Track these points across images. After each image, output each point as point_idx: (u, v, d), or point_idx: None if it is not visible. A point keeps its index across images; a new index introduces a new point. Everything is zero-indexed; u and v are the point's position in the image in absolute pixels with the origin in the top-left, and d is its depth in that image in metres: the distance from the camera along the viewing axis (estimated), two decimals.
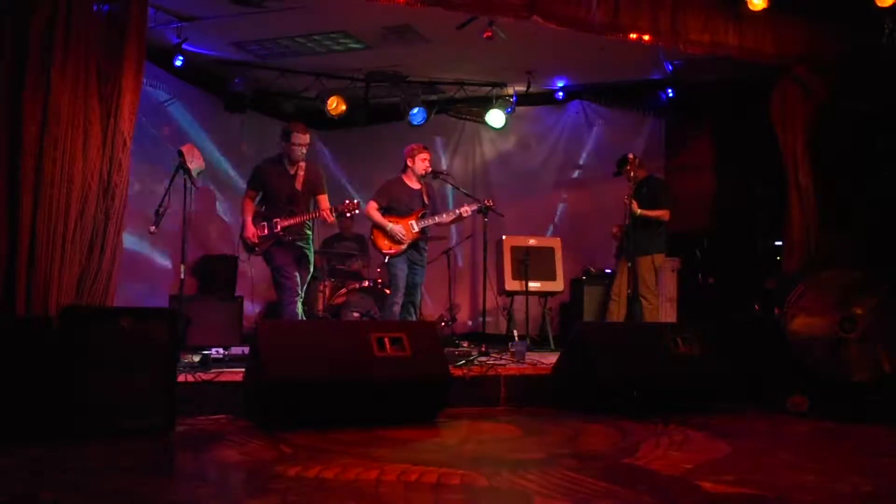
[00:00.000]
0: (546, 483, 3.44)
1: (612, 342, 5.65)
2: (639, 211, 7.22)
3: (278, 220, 6.38)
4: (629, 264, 7.25)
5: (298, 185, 6.50)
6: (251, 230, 6.38)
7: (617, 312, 7.37)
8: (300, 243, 6.54)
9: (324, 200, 6.61)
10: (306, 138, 6.48)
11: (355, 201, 6.65)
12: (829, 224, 6.79)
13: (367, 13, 7.03)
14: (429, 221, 6.91)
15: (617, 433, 4.74)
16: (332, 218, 6.56)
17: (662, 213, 7.45)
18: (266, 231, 6.40)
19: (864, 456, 4.30)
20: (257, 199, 6.56)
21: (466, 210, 7.02)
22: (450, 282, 8.35)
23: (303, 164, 6.54)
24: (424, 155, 6.96)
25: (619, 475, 3.66)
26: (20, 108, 4.71)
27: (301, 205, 6.53)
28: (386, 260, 7.01)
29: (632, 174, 7.18)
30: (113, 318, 4.46)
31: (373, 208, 6.86)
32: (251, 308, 8.77)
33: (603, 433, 4.77)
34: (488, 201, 7.14)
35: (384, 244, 6.85)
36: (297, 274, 6.45)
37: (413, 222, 6.87)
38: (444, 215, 7.02)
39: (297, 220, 6.44)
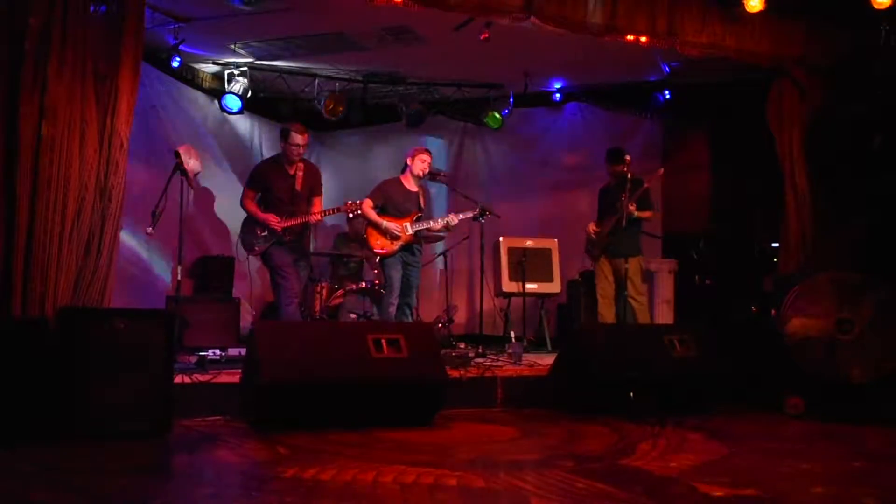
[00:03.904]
0: (543, 484, 3.44)
1: (609, 343, 5.66)
2: (636, 213, 7.20)
3: (279, 220, 6.38)
4: (626, 265, 7.19)
5: (298, 186, 6.50)
6: (268, 215, 6.37)
7: (608, 314, 7.37)
8: (298, 244, 6.54)
9: (318, 203, 6.61)
10: (304, 139, 6.47)
11: (358, 202, 6.65)
12: (827, 225, 6.80)
13: (364, 14, 7.02)
14: (423, 225, 6.90)
15: (614, 434, 4.75)
16: (320, 218, 6.57)
17: (655, 214, 7.48)
18: (266, 231, 6.40)
19: (861, 457, 4.31)
20: (256, 199, 6.55)
21: (454, 218, 7.00)
22: (447, 283, 8.35)
23: (301, 164, 6.54)
24: (425, 156, 6.95)
25: (615, 476, 3.66)
26: (16, 108, 4.70)
27: (301, 205, 6.53)
28: (377, 260, 7.00)
29: (629, 175, 7.16)
30: (109, 320, 4.46)
31: (368, 206, 6.85)
32: (248, 309, 8.75)
33: (600, 434, 4.77)
34: (485, 207, 7.14)
35: (377, 244, 6.84)
36: (295, 274, 6.44)
37: (408, 224, 6.86)
38: (436, 222, 7.00)
39: (298, 220, 6.44)
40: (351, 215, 6.69)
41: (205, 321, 7.19)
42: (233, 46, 8.01)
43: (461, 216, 7.06)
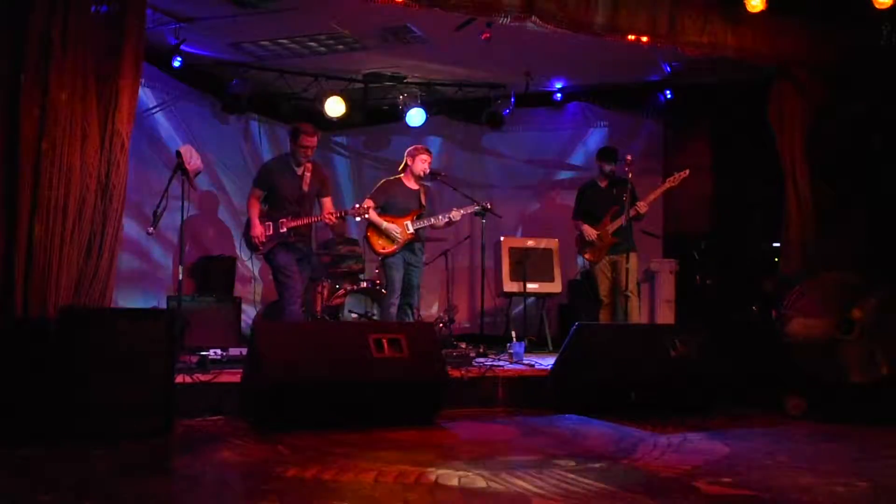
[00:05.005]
0: (544, 484, 3.44)
1: (610, 343, 5.65)
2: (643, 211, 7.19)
3: (284, 220, 6.37)
4: (627, 264, 7.16)
5: (305, 187, 6.48)
6: (259, 229, 6.35)
7: (609, 316, 7.36)
8: (302, 245, 6.53)
9: (328, 203, 6.60)
10: (314, 140, 6.45)
11: (365, 205, 6.64)
12: (827, 225, 6.79)
13: (365, 14, 7.03)
14: (424, 223, 6.90)
15: (615, 434, 4.75)
16: (334, 220, 6.56)
17: None
18: (271, 231, 6.39)
19: (863, 458, 4.30)
20: (262, 198, 6.55)
21: (457, 214, 6.98)
22: (448, 283, 8.35)
23: (309, 164, 6.53)
24: (425, 156, 6.95)
25: (616, 476, 3.66)
26: (18, 108, 4.71)
27: (307, 206, 6.52)
28: (380, 260, 7.01)
29: (630, 175, 7.15)
30: (111, 320, 4.46)
31: (370, 207, 6.85)
32: (250, 309, 8.76)
33: (601, 434, 4.78)
34: (487, 204, 7.16)
35: (378, 244, 6.84)
36: (299, 274, 6.44)
37: (408, 223, 6.85)
38: (438, 218, 7.00)
39: (304, 221, 6.42)
40: (358, 219, 6.69)
41: (206, 321, 7.21)
42: (234, 46, 8.03)
43: (463, 211, 7.05)
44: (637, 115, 9.44)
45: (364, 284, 8.27)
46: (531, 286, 8.17)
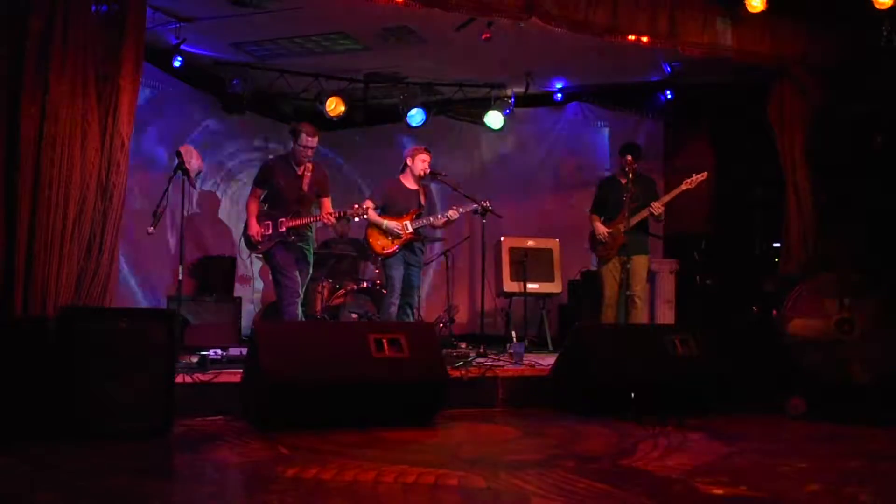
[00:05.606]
0: (544, 484, 3.44)
1: (610, 343, 5.65)
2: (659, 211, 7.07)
3: (283, 219, 6.38)
4: (628, 265, 7.12)
5: (305, 187, 6.49)
6: (256, 228, 6.37)
7: (612, 315, 7.33)
8: (302, 244, 6.53)
9: (327, 204, 6.61)
10: (314, 141, 6.46)
11: (364, 206, 6.65)
12: (828, 225, 6.80)
13: (365, 14, 7.02)
14: (423, 222, 6.89)
15: (615, 434, 4.74)
16: (332, 221, 6.56)
17: None
18: (270, 230, 6.39)
19: (863, 458, 4.30)
20: (262, 196, 6.55)
21: (454, 213, 6.97)
22: (448, 283, 8.36)
23: (310, 164, 6.54)
24: (424, 156, 6.94)
25: (616, 476, 3.66)
26: (18, 108, 4.71)
27: (307, 206, 6.53)
28: (380, 260, 7.01)
29: (630, 175, 7.12)
30: (111, 319, 4.46)
31: (369, 207, 6.85)
32: (250, 308, 8.76)
33: (601, 434, 4.77)
34: (486, 202, 7.15)
35: (378, 244, 6.84)
36: (297, 274, 6.44)
37: (407, 222, 6.85)
38: (437, 217, 6.99)
39: (303, 221, 6.43)
40: (357, 220, 6.70)
41: (206, 321, 7.21)
42: (234, 46, 8.03)
43: (461, 210, 7.05)
44: (637, 115, 9.43)
45: (364, 284, 8.27)
46: (531, 286, 8.17)
